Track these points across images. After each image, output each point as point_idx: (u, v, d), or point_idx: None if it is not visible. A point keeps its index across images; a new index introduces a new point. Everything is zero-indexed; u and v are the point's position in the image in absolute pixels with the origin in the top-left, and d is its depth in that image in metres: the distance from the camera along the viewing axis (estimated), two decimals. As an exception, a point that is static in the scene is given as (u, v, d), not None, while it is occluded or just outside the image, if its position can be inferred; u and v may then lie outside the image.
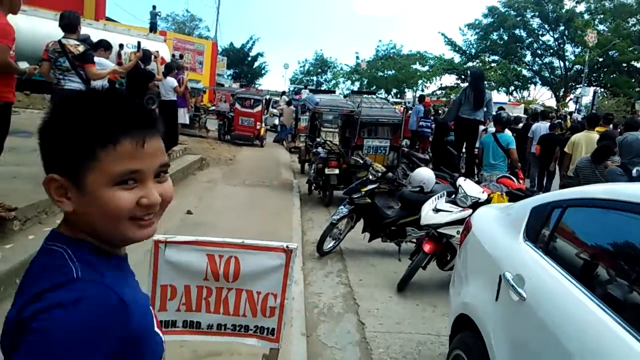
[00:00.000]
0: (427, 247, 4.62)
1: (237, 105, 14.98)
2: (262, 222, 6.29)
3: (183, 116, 10.17)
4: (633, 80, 34.18)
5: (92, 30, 10.59)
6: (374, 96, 9.65)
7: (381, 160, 8.31)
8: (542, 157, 9.35)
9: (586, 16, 34.42)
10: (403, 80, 41.20)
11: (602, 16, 34.14)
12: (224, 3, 61.62)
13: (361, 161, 6.32)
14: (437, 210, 4.68)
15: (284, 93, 22.09)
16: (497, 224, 2.84)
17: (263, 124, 15.57)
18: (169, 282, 2.14)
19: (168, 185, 0.85)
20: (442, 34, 39.68)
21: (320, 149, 8.39)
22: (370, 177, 5.65)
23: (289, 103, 16.55)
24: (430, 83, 42.31)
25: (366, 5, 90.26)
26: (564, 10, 35.66)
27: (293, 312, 3.75)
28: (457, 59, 40.49)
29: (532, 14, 37.20)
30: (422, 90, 40.84)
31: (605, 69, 35.25)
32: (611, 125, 10.95)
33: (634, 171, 4.10)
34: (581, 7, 35.61)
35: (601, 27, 33.07)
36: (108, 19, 19.16)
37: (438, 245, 4.67)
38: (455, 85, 38.85)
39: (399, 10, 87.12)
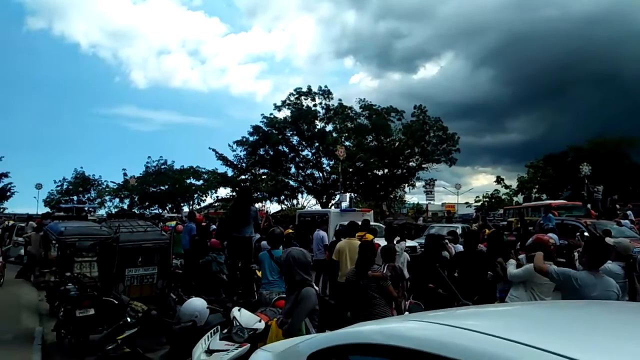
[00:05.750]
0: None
1: (-46, 241, 11.89)
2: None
3: None
4: (377, 186, 40.57)
5: None
6: (136, 219, 8.68)
7: (148, 290, 7.25)
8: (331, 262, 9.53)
9: (334, 134, 40.24)
10: (178, 194, 40.47)
11: (346, 134, 40.36)
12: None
13: (115, 302, 5.23)
14: (210, 352, 3.98)
15: (30, 217, 18.81)
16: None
17: (-1, 258, 12.60)
18: None
19: None
20: (213, 150, 40.94)
21: (70, 286, 6.90)
22: (128, 319, 4.66)
23: (37, 229, 13.94)
24: (207, 196, 42.58)
25: (132, 121, 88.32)
26: (316, 130, 41.07)
27: None
28: (230, 172, 41.96)
29: (291, 132, 41.72)
30: (199, 204, 40.66)
31: (356, 177, 41.13)
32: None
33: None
34: (329, 127, 41.65)
35: (347, 143, 38.93)
36: None
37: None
38: (232, 197, 39.78)
39: (166, 127, 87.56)
